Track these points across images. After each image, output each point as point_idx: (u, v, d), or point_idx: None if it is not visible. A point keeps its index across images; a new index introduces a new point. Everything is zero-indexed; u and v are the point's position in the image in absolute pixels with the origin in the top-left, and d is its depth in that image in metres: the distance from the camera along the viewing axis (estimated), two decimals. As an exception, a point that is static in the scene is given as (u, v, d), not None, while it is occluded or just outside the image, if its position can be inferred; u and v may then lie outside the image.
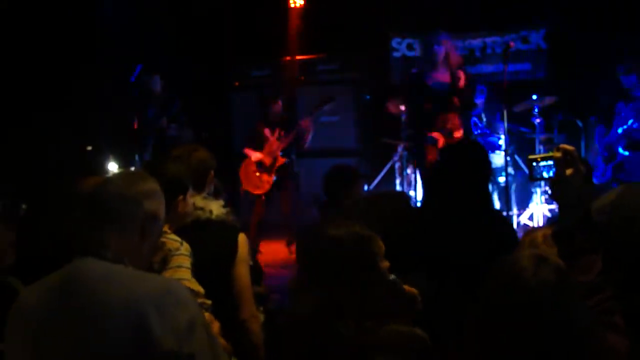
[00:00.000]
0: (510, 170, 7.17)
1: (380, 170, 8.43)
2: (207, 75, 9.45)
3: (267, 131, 7.67)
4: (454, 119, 6.54)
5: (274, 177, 7.62)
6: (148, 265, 2.20)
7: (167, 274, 2.87)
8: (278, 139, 7.61)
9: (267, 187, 7.61)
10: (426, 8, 8.93)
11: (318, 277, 2.21)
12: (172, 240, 2.98)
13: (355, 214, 3.16)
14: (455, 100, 6.48)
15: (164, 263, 2.91)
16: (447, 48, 6.61)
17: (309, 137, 7.74)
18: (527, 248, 2.81)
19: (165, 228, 2.98)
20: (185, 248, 2.98)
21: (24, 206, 4.95)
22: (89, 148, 8.50)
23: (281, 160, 7.62)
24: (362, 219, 2.54)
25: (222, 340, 2.91)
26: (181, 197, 3.12)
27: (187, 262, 2.95)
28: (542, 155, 2.33)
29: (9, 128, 7.77)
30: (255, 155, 7.65)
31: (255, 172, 7.65)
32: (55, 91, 8.23)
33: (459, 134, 6.55)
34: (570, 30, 8.53)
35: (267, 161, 7.60)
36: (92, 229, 2.04)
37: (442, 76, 6.59)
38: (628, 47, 7.36)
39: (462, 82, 6.45)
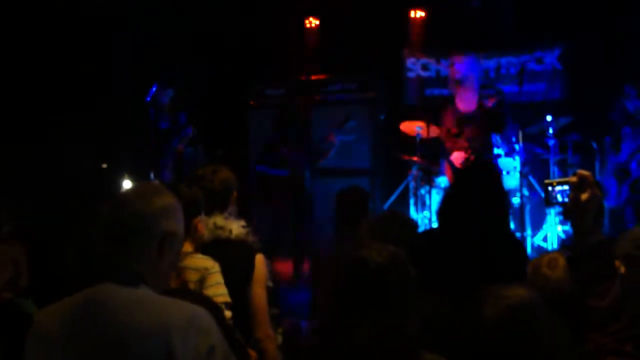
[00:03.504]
0: (525, 191, 7.15)
1: (395, 190, 8.43)
2: (223, 94, 9.50)
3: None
4: (482, 139, 6.59)
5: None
6: (167, 283, 2.17)
7: (209, 291, 2.99)
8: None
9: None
10: (440, 29, 8.99)
11: (365, 306, 2.15)
12: (205, 259, 3.10)
13: (363, 236, 3.18)
14: (484, 120, 6.53)
15: (202, 282, 3.01)
16: (465, 68, 6.66)
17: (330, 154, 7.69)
18: (531, 272, 2.83)
19: (189, 248, 3.09)
20: (217, 266, 3.09)
21: (37, 226, 4.96)
22: (104, 166, 8.53)
23: None
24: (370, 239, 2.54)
25: (251, 352, 3.06)
26: (200, 216, 3.18)
27: (222, 279, 3.08)
28: (557, 180, 2.36)
29: (23, 145, 7.81)
30: None
31: None
32: (71, 108, 8.28)
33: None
34: (585, 51, 8.54)
35: None
36: (110, 251, 2.02)
37: (469, 96, 6.64)
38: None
39: (491, 102, 6.49)
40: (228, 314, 2.95)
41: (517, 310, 1.80)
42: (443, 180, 7.33)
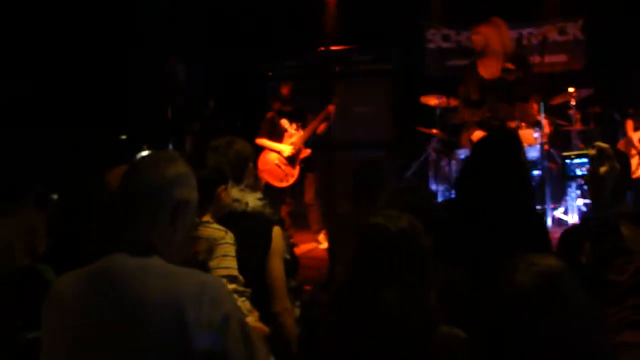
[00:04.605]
0: (545, 163, 7.09)
1: (415, 162, 8.39)
2: (241, 66, 9.46)
3: (284, 122, 7.57)
4: (505, 109, 6.47)
5: (298, 170, 7.44)
6: (182, 252, 2.15)
7: (214, 263, 2.95)
8: (298, 129, 7.50)
9: (291, 180, 7.43)
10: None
11: (381, 274, 2.14)
12: (217, 229, 3.06)
13: (381, 206, 3.15)
14: (506, 90, 6.41)
15: (210, 252, 2.98)
16: (488, 37, 6.52)
17: (329, 125, 7.57)
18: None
19: (208, 218, 3.09)
20: (230, 237, 3.04)
21: (55, 196, 4.99)
22: (123, 137, 8.54)
23: (306, 152, 7.45)
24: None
25: (261, 325, 3.01)
26: (222, 187, 3.18)
27: (232, 250, 3.02)
28: (576, 153, 2.33)
29: (42, 118, 7.85)
30: (277, 147, 7.46)
31: (277, 164, 7.46)
32: (89, 80, 8.30)
33: (513, 124, 6.49)
34: (608, 21, 8.41)
35: (291, 153, 7.42)
36: (123, 222, 2.01)
37: (492, 65, 6.51)
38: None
39: (511, 74, 6.36)
40: (231, 287, 2.91)
41: (550, 278, 1.79)
42: (463, 152, 7.27)
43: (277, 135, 7.52)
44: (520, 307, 1.76)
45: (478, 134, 6.45)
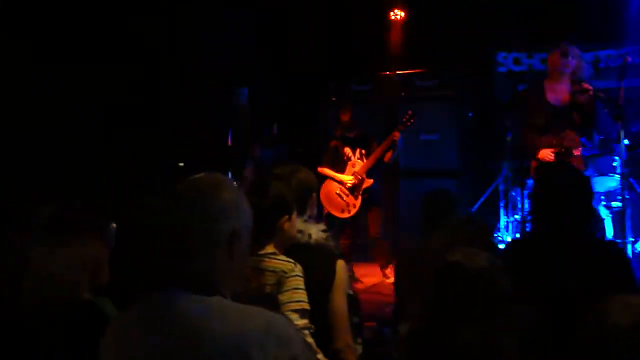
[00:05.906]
0: (626, 194, 6.71)
1: (484, 192, 8.11)
2: (304, 90, 9.38)
3: (347, 150, 7.38)
4: (572, 136, 6.15)
5: (360, 200, 7.21)
6: (241, 280, 2.08)
7: (284, 297, 2.88)
8: (361, 157, 7.29)
9: (353, 211, 7.19)
10: (534, 21, 8.62)
11: (461, 313, 2.13)
12: (285, 261, 2.97)
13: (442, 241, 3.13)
14: (575, 116, 6.09)
15: (279, 285, 2.89)
16: (577, 61, 6.19)
17: (396, 153, 7.32)
18: None
19: (273, 249, 3.02)
20: (299, 269, 2.96)
21: (114, 225, 4.93)
22: (181, 164, 8.52)
23: (368, 182, 7.22)
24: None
25: None
26: (286, 217, 3.09)
27: (302, 283, 2.94)
28: None
29: (101, 145, 7.85)
30: (339, 177, 7.27)
31: (339, 195, 7.25)
32: (148, 108, 8.30)
33: (578, 151, 6.16)
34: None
35: (352, 183, 7.22)
36: (178, 255, 1.89)
37: (563, 90, 6.19)
38: None
39: (585, 98, 6.03)
40: (301, 322, 2.83)
41: None
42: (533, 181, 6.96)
43: (340, 163, 7.35)
44: (615, 351, 1.68)
45: (545, 152, 6.10)
